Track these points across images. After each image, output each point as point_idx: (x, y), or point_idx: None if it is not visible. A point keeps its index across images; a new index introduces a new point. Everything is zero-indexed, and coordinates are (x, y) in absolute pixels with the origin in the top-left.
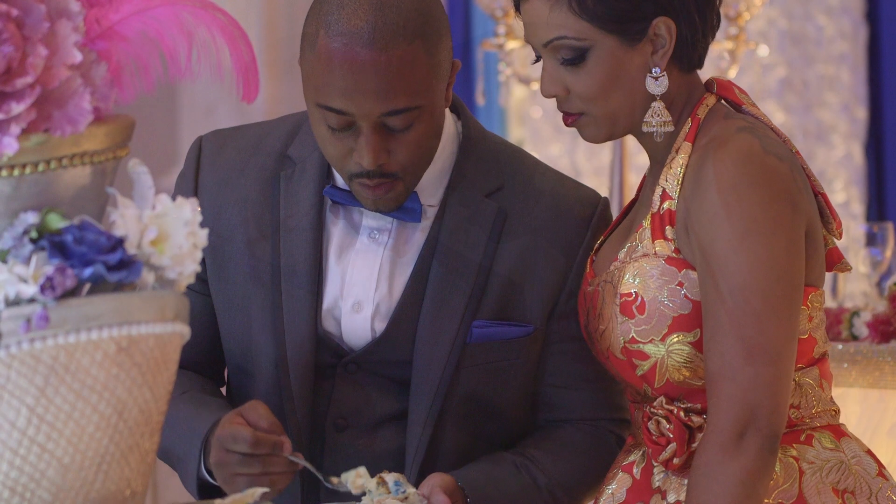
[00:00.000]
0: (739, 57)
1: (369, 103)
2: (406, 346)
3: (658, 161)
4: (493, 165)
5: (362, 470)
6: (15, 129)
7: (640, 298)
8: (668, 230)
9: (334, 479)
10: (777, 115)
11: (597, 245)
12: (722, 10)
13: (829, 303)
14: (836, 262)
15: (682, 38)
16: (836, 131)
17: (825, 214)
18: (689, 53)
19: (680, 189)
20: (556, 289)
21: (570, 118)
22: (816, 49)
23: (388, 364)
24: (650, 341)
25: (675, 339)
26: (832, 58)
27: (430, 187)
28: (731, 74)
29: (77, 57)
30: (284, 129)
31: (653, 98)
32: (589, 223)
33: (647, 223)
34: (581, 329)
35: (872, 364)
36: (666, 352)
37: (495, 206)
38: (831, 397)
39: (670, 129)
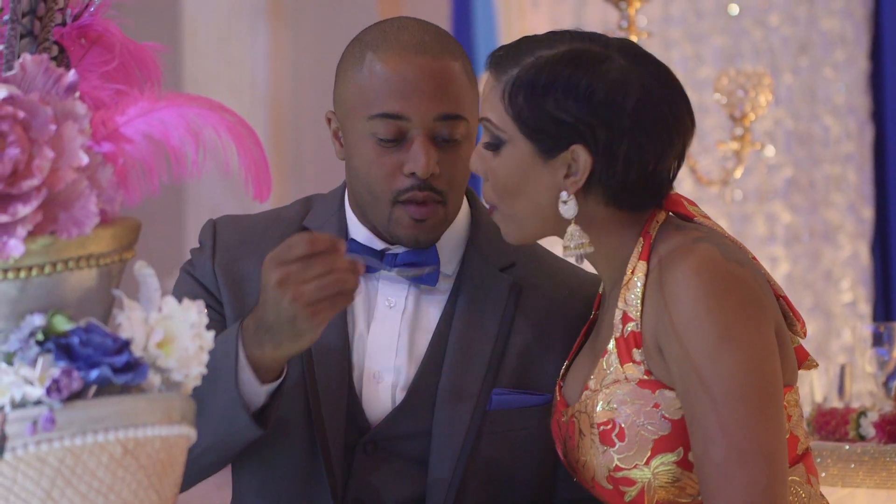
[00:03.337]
0: (745, 157)
1: (425, 103)
2: (425, 417)
3: (613, 282)
4: (503, 244)
5: None
6: (21, 231)
7: (617, 426)
8: (636, 353)
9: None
10: (784, 215)
11: (563, 369)
12: (727, 111)
13: (836, 403)
14: (803, 360)
15: (598, 176)
16: (842, 231)
17: (788, 316)
18: (609, 193)
19: (642, 309)
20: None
21: (491, 209)
22: (823, 149)
23: (406, 439)
24: (634, 467)
25: (660, 461)
26: (838, 158)
27: (448, 253)
28: (737, 175)
29: (83, 159)
30: (297, 206)
31: (567, 221)
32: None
33: (612, 348)
34: (560, 456)
35: (880, 464)
36: (652, 475)
37: (510, 279)
38: (820, 492)
39: (590, 250)
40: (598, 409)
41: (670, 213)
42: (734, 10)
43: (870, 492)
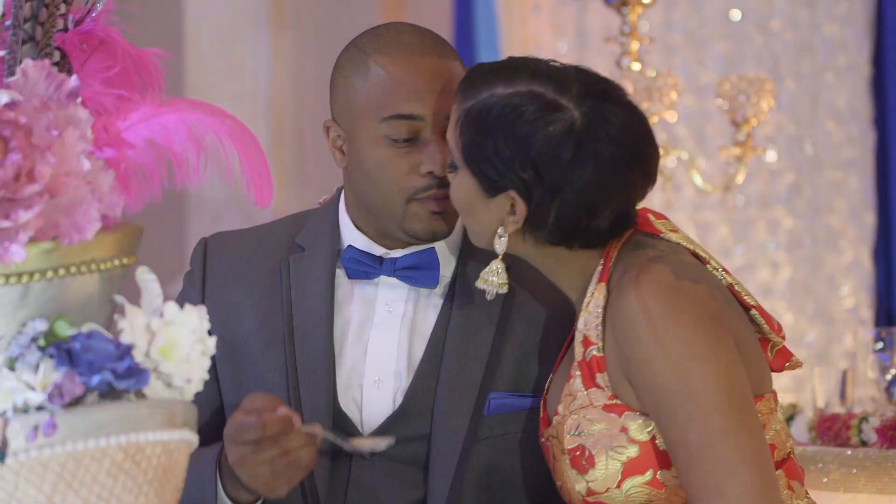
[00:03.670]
0: (747, 162)
1: (437, 102)
2: (424, 420)
3: (579, 303)
4: None
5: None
6: (23, 236)
7: (586, 451)
8: (599, 377)
9: (354, 442)
10: (785, 221)
11: (547, 383)
12: (729, 116)
13: (838, 408)
14: (786, 360)
15: (533, 221)
16: (844, 237)
17: (760, 325)
18: (548, 237)
19: (603, 332)
20: None
21: None
22: (825, 154)
23: (406, 443)
24: (607, 490)
25: (631, 484)
26: (840, 163)
27: (446, 256)
28: (739, 180)
29: (85, 165)
30: (289, 222)
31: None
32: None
33: (576, 373)
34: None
35: (881, 469)
36: (625, 497)
37: None
38: (805, 492)
39: (502, 291)
40: (567, 435)
41: (635, 230)
42: (736, 15)
43: (871, 497)
